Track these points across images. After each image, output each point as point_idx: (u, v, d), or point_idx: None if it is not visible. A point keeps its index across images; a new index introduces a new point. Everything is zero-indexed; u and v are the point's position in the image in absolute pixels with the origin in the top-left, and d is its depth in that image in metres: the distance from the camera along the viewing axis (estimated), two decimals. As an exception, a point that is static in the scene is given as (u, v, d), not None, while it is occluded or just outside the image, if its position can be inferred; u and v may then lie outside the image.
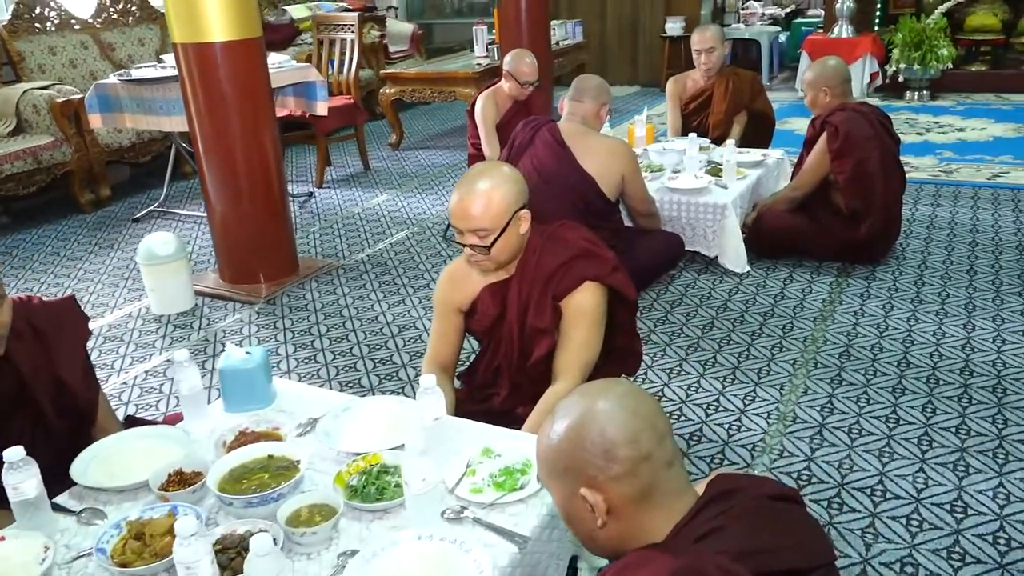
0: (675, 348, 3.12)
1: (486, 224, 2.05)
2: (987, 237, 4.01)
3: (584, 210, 3.26)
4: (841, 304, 3.39)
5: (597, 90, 3.31)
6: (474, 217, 2.05)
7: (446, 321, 2.34)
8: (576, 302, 2.14)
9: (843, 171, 3.58)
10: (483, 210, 2.04)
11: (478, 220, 2.05)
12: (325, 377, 3.08)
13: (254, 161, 3.79)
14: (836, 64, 3.72)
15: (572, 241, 2.20)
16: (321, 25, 5.96)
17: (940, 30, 7.13)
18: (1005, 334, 3.06)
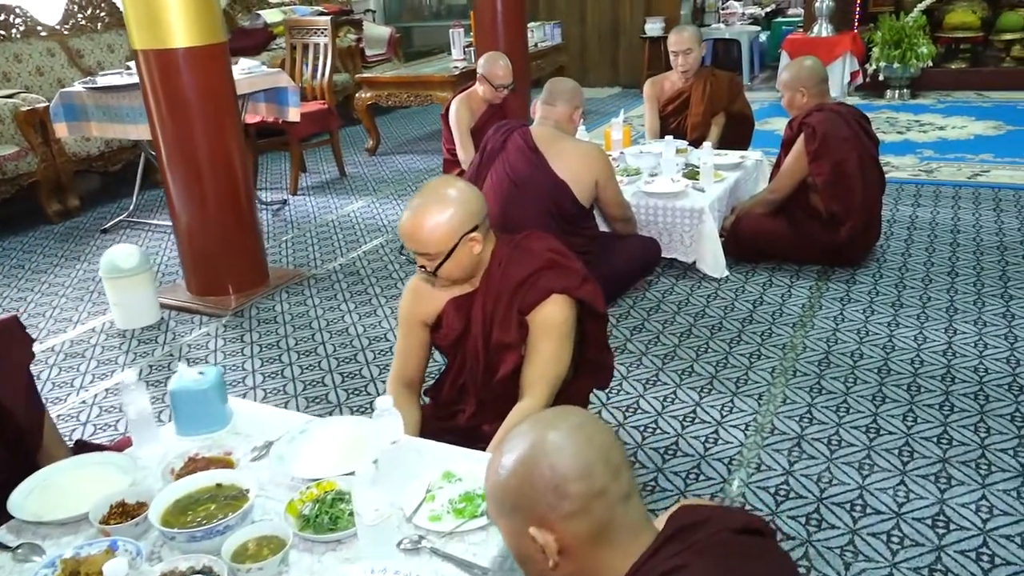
0: (651, 357, 3.04)
1: (430, 249, 1.98)
2: (968, 237, 3.96)
3: (558, 216, 3.19)
4: (821, 309, 3.33)
5: (570, 93, 3.23)
6: (419, 240, 1.98)
7: (411, 336, 2.26)
8: (543, 316, 2.06)
9: (821, 173, 3.51)
10: (428, 234, 1.96)
11: (422, 244, 1.98)
12: (291, 393, 2.99)
13: (220, 170, 3.70)
14: (812, 64, 3.66)
15: (538, 252, 2.11)
16: (293, 29, 5.86)
17: (920, 28, 7.10)
18: (987, 338, 3.00)
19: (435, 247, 1.97)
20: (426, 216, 1.97)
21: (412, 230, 1.98)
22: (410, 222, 1.98)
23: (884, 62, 7.12)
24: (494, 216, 3.27)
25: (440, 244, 1.97)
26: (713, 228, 3.62)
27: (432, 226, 1.96)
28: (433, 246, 1.97)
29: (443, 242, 1.97)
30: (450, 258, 2.00)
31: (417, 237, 1.97)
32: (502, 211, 3.24)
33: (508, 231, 3.22)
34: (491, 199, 3.27)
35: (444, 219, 1.97)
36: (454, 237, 1.98)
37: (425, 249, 1.98)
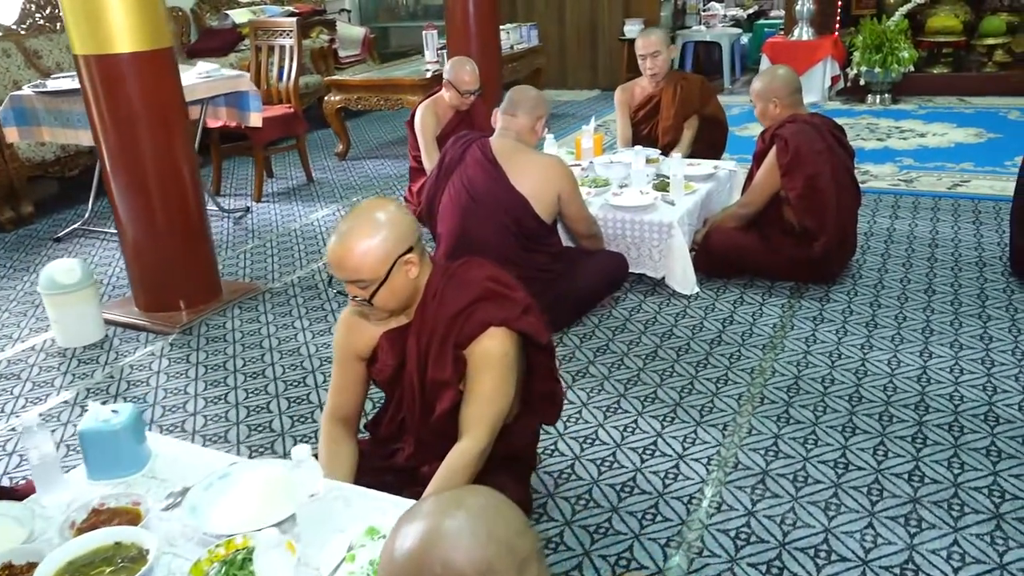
0: (614, 382, 2.90)
1: (364, 275, 1.83)
2: (946, 252, 3.84)
3: (517, 232, 3.05)
4: (792, 329, 3.19)
5: (532, 103, 3.08)
6: (350, 268, 1.83)
7: (346, 370, 2.10)
8: (481, 350, 1.91)
9: (794, 187, 3.38)
10: (359, 260, 1.82)
11: (354, 271, 1.83)
12: (233, 420, 2.83)
13: (168, 180, 3.53)
14: (785, 73, 3.52)
15: (475, 281, 1.96)
16: (258, 31, 5.68)
17: (901, 32, 7.00)
18: (963, 362, 2.87)
19: (369, 272, 1.83)
20: (357, 240, 1.82)
21: (342, 256, 1.83)
22: (339, 248, 1.83)
23: (865, 67, 7.01)
24: (452, 231, 3.14)
25: (374, 269, 1.83)
26: (683, 243, 3.48)
27: (364, 250, 1.81)
28: (367, 271, 1.83)
29: (377, 267, 1.83)
30: (385, 284, 1.85)
31: (348, 263, 1.83)
32: (460, 226, 3.10)
33: (466, 247, 3.10)
34: (448, 214, 3.13)
35: (376, 242, 1.82)
36: (388, 260, 1.84)
37: (358, 276, 1.84)
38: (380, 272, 1.84)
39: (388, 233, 1.84)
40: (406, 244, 1.88)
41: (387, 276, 1.85)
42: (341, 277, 1.87)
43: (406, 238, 1.88)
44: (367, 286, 1.85)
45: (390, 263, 1.84)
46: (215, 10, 7.25)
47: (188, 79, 4.66)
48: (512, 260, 3.05)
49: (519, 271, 3.04)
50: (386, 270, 1.84)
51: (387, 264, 1.84)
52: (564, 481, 2.37)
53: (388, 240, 1.84)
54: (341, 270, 1.85)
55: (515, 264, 3.05)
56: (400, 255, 1.86)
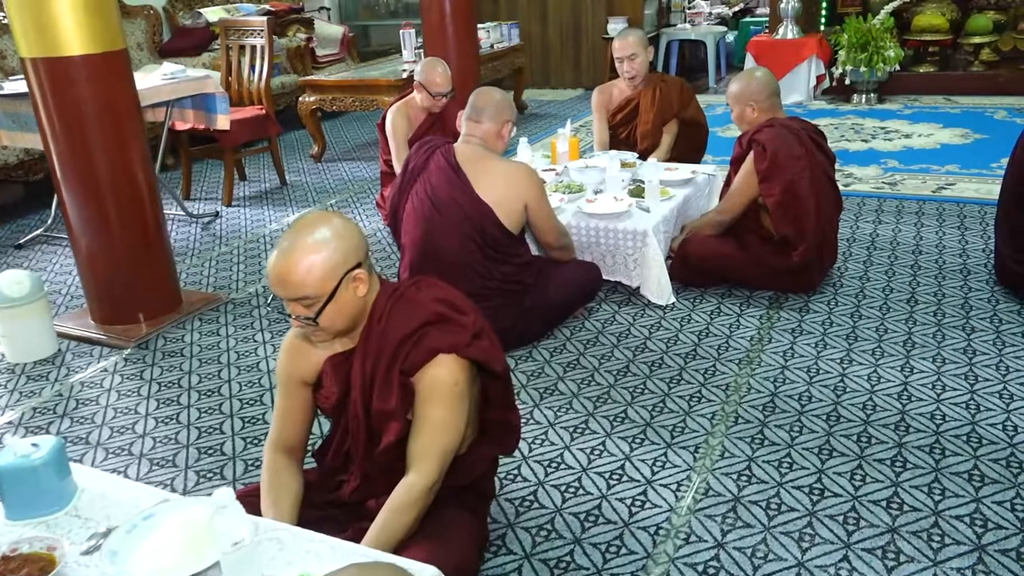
0: (583, 400, 2.77)
1: (308, 291, 1.71)
2: (930, 259, 3.73)
3: (481, 243, 2.92)
4: (770, 343, 3.08)
5: (497, 107, 2.95)
6: (294, 284, 1.70)
7: (290, 396, 1.98)
8: (429, 379, 1.79)
9: (772, 194, 3.26)
10: (304, 275, 1.70)
11: (298, 287, 1.71)
12: (183, 442, 2.69)
13: (122, 188, 3.39)
14: (763, 76, 3.40)
15: (423, 304, 1.84)
16: (229, 30, 5.53)
17: (887, 30, 6.89)
18: (945, 378, 2.76)
19: (314, 289, 1.71)
20: (302, 254, 1.70)
21: (286, 271, 1.71)
22: (283, 262, 1.71)
23: (850, 66, 6.90)
24: (415, 242, 3.01)
25: (319, 285, 1.71)
26: (658, 252, 3.36)
27: (309, 265, 1.69)
28: (312, 287, 1.70)
29: (323, 283, 1.71)
30: (332, 301, 1.74)
31: (292, 279, 1.70)
32: (423, 237, 2.97)
33: (430, 258, 2.98)
34: (412, 223, 3.01)
35: (323, 257, 1.70)
36: (335, 276, 1.72)
37: (302, 293, 1.71)
38: (326, 288, 1.72)
39: (335, 247, 1.73)
40: (354, 259, 1.76)
41: (334, 293, 1.73)
42: (284, 295, 1.75)
43: (354, 253, 1.77)
44: (312, 304, 1.73)
45: (337, 279, 1.73)
46: (188, 8, 7.08)
47: (152, 81, 4.53)
48: (477, 271, 2.94)
49: (484, 283, 2.95)
50: (332, 286, 1.72)
51: (334, 280, 1.72)
52: (526, 510, 2.25)
53: (335, 254, 1.72)
54: (284, 286, 1.73)
55: (480, 276, 2.94)
56: (348, 270, 1.75)
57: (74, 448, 2.69)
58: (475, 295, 2.94)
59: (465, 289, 2.92)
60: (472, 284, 2.94)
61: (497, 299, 2.99)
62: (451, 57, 5.69)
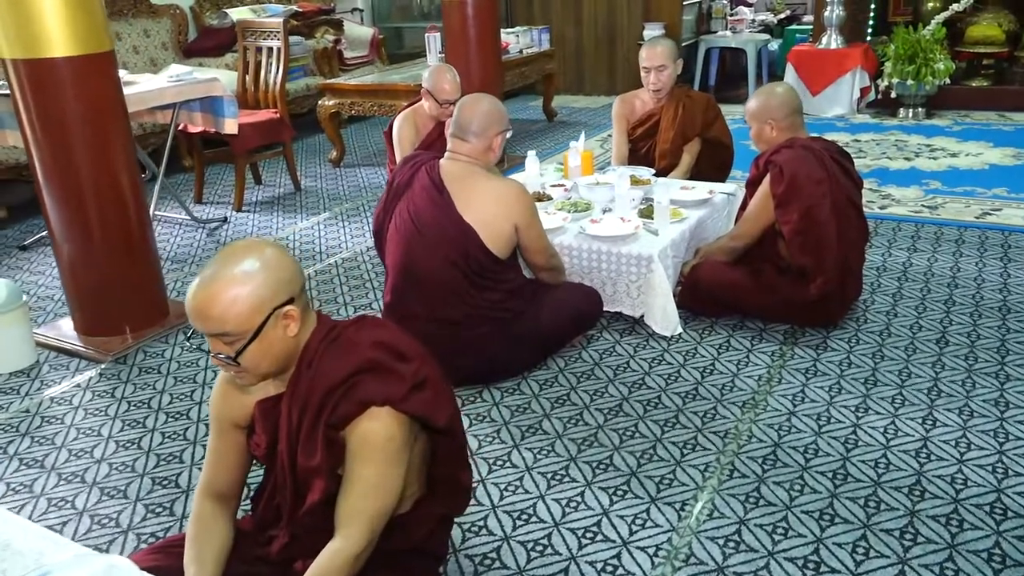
0: (567, 441, 2.55)
1: (229, 327, 1.53)
2: (967, 294, 3.42)
3: (465, 268, 2.71)
4: (780, 383, 2.82)
5: (484, 122, 2.74)
6: (213, 318, 1.53)
7: (223, 439, 1.80)
8: (360, 434, 1.59)
9: (789, 220, 3.00)
10: (225, 308, 1.52)
11: (219, 321, 1.53)
12: (140, 470, 2.54)
13: (106, 194, 3.26)
14: (783, 92, 3.15)
15: (359, 348, 1.64)
16: (245, 31, 5.41)
17: (937, 42, 6.51)
18: (971, 435, 2.47)
19: (236, 324, 1.53)
20: (225, 286, 1.52)
21: (205, 304, 1.53)
22: (203, 293, 1.53)
23: (897, 78, 6.54)
24: (396, 264, 2.82)
25: (243, 320, 1.53)
26: (663, 279, 3.12)
27: (232, 298, 1.51)
28: (233, 323, 1.53)
29: (247, 318, 1.53)
30: (257, 340, 1.55)
31: (212, 311, 1.52)
32: (405, 258, 2.78)
33: (411, 282, 2.78)
34: (393, 243, 2.82)
35: (248, 289, 1.53)
36: (261, 312, 1.54)
37: (222, 328, 1.53)
38: (250, 325, 1.54)
39: (263, 280, 1.55)
40: (285, 294, 1.58)
41: (259, 331, 1.55)
42: (203, 329, 1.57)
43: (286, 287, 1.58)
44: (234, 341, 1.55)
45: (263, 315, 1.55)
46: (215, 8, 7.01)
47: (158, 83, 4.44)
48: (461, 297, 2.74)
49: (469, 310, 2.75)
50: (258, 323, 1.54)
51: (259, 316, 1.54)
52: (485, 570, 2.04)
53: (262, 288, 1.54)
54: (203, 320, 1.55)
55: (464, 302, 2.74)
56: (277, 307, 1.56)
57: (27, 472, 2.55)
58: (459, 322, 2.76)
59: (449, 316, 2.77)
60: (456, 311, 2.75)
61: (483, 327, 2.79)
62: (473, 62, 5.53)
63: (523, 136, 6.87)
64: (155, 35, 6.53)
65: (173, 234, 4.76)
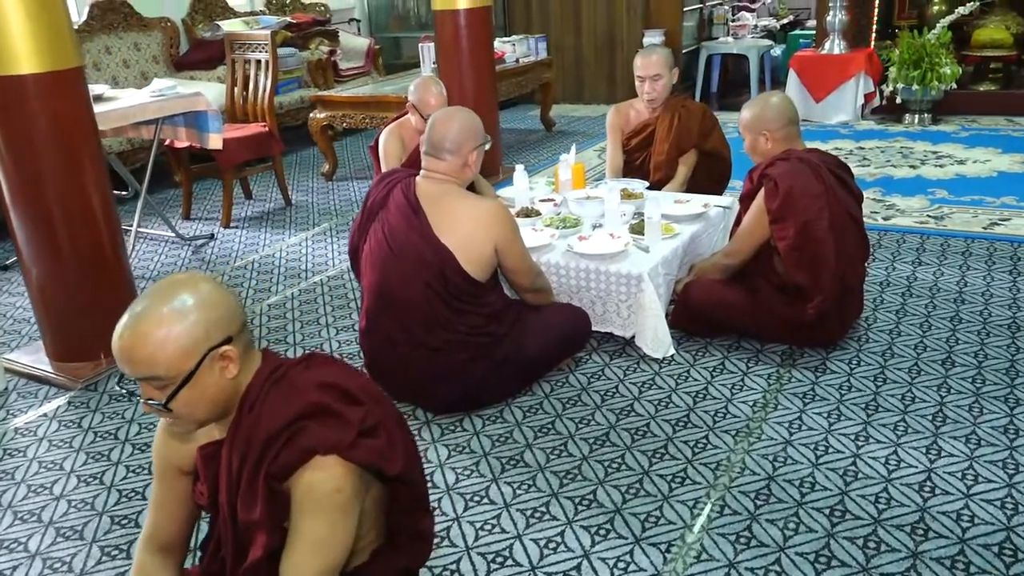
0: (549, 474, 2.41)
1: (159, 371, 1.40)
2: (974, 311, 3.27)
3: (442, 291, 2.58)
4: (776, 409, 2.67)
5: (458, 138, 2.61)
6: (140, 361, 1.40)
7: (166, 485, 1.68)
8: (305, 485, 1.46)
9: (784, 237, 2.86)
10: (154, 350, 1.40)
11: (146, 365, 1.40)
12: (99, 508, 2.41)
13: (76, 215, 3.15)
14: (778, 102, 3.00)
15: (304, 390, 1.51)
16: (234, 44, 5.31)
17: (943, 46, 6.35)
18: (979, 465, 2.32)
19: (166, 368, 1.40)
20: (153, 325, 1.40)
21: (131, 346, 1.41)
22: (128, 333, 1.41)
23: (902, 83, 6.39)
24: (372, 287, 2.69)
25: (173, 364, 1.41)
26: (654, 298, 2.98)
27: (161, 339, 1.39)
28: (163, 367, 1.40)
29: (177, 360, 1.41)
30: (189, 385, 1.43)
31: (138, 354, 1.40)
32: (379, 282, 2.65)
33: (386, 306, 2.65)
34: (368, 265, 2.69)
35: (179, 329, 1.40)
36: (194, 354, 1.42)
37: (151, 372, 1.41)
38: (182, 368, 1.42)
39: (196, 319, 1.42)
40: (222, 333, 1.45)
41: (192, 374, 1.42)
42: (130, 373, 1.44)
43: (222, 325, 1.45)
44: (164, 386, 1.43)
45: (197, 357, 1.42)
46: (208, 20, 6.92)
47: (140, 98, 4.33)
48: (438, 322, 2.61)
49: (447, 335, 2.61)
50: (190, 366, 1.42)
51: (192, 358, 1.42)
52: (454, 620, 1.91)
53: (195, 327, 1.42)
54: (129, 363, 1.42)
55: (442, 327, 2.61)
56: (212, 347, 1.44)
57: (-18, 510, 2.43)
58: (438, 348, 2.64)
59: (427, 341, 2.63)
60: (434, 336, 2.62)
61: (463, 352, 2.65)
62: (466, 72, 5.42)
63: (521, 147, 6.74)
64: (146, 48, 6.45)
65: (157, 252, 4.65)
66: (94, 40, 6.07)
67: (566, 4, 8.10)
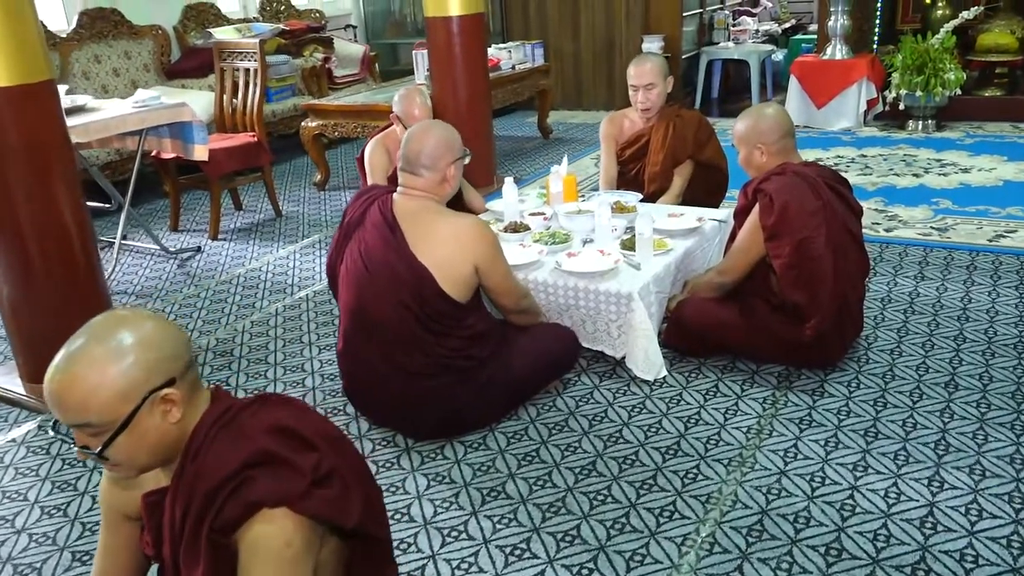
0: (531, 507, 2.30)
1: (91, 417, 1.31)
2: (979, 330, 3.14)
3: (420, 313, 2.47)
4: (771, 436, 2.56)
5: (434, 153, 2.49)
6: (71, 407, 1.31)
7: (114, 532, 1.58)
8: (253, 539, 1.35)
9: (780, 255, 2.74)
10: (86, 395, 1.30)
11: (78, 411, 1.31)
12: (62, 542, 2.31)
13: (48, 232, 3.04)
14: (774, 114, 2.89)
15: (254, 435, 1.40)
16: (222, 52, 5.22)
17: (947, 51, 6.23)
18: (983, 499, 2.20)
19: (99, 414, 1.31)
20: (86, 367, 1.30)
21: (62, 390, 1.31)
22: (59, 378, 1.32)
23: (905, 89, 6.27)
24: (348, 308, 2.58)
25: (107, 409, 1.31)
26: (645, 318, 2.87)
27: (95, 382, 1.29)
28: (96, 412, 1.30)
29: (113, 406, 1.31)
30: (127, 431, 1.33)
31: (70, 399, 1.31)
32: (355, 303, 2.55)
33: (363, 328, 2.53)
34: (344, 286, 2.59)
35: (115, 371, 1.31)
36: (132, 398, 1.32)
37: (83, 419, 1.31)
38: (117, 413, 1.32)
39: (135, 360, 1.33)
40: (163, 375, 1.35)
41: (129, 420, 1.32)
42: (62, 419, 1.34)
43: (164, 366, 1.35)
44: (98, 433, 1.32)
45: (134, 402, 1.32)
46: (200, 28, 6.84)
47: (122, 109, 4.23)
48: (417, 346, 2.50)
49: (426, 359, 2.51)
50: (127, 411, 1.32)
51: (130, 402, 1.32)
52: (423, 671, 1.79)
53: (133, 369, 1.32)
54: (60, 408, 1.32)
55: (421, 351, 2.50)
56: (152, 390, 1.33)
57: (-60, 544, 2.33)
58: (418, 372, 2.53)
59: (405, 365, 2.52)
60: (412, 360, 2.51)
61: (444, 377, 2.54)
62: (459, 80, 5.31)
63: (517, 155, 6.64)
64: (136, 57, 6.36)
65: (142, 266, 4.55)
66: (83, 49, 5.98)
67: (564, 10, 8.00)
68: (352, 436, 2.70)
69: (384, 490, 2.40)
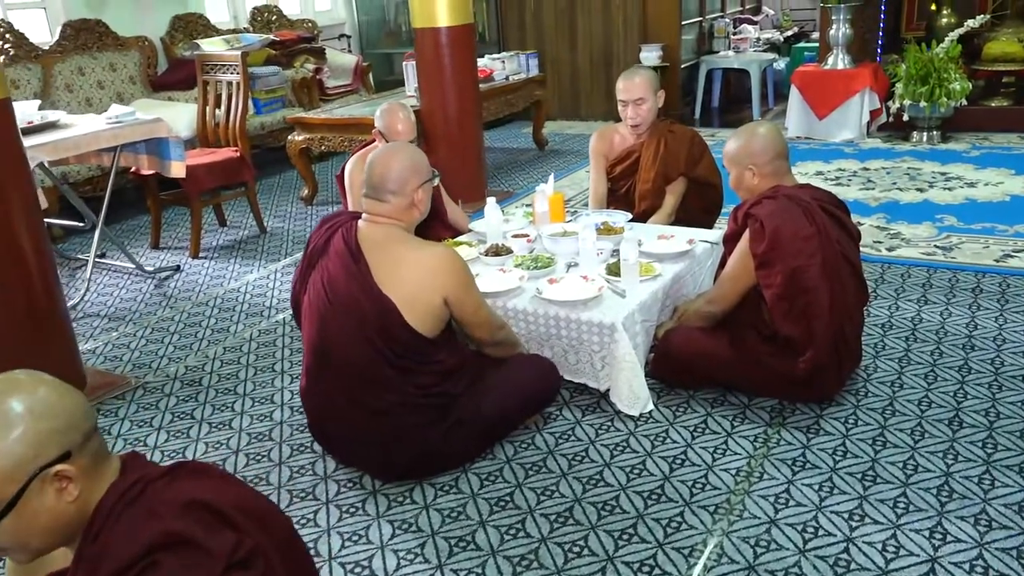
0: (501, 560, 2.14)
1: None
2: (985, 359, 2.97)
3: (384, 349, 2.31)
4: (761, 479, 2.39)
5: (400, 177, 2.34)
6: None
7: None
8: (158, 633, 1.19)
9: (771, 284, 2.58)
10: None
11: None
12: (-2, 597, 2.15)
13: (3, 255, 2.91)
14: (766, 133, 2.73)
15: (164, 513, 1.25)
16: (205, 65, 5.08)
17: (952, 60, 6.06)
18: (989, 554, 2.03)
19: None
20: None
21: None
22: None
23: (909, 100, 6.10)
24: (311, 342, 2.42)
25: None
26: (629, 350, 2.70)
27: None
28: None
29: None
30: (13, 513, 1.18)
31: None
32: (318, 337, 2.39)
33: (325, 364, 2.37)
34: (307, 319, 2.44)
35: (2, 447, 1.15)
36: (16, 478, 1.18)
37: None
38: (2, 494, 1.16)
39: (22, 434, 1.18)
40: (57, 449, 1.20)
41: (14, 500, 1.17)
42: None
43: (57, 439, 1.21)
44: None
45: (20, 481, 1.17)
46: (188, 39, 6.71)
47: (95, 125, 4.10)
48: (382, 384, 2.34)
49: (395, 397, 2.34)
50: (12, 491, 1.17)
51: (14, 482, 1.18)
52: None
53: (20, 444, 1.18)
54: None
55: (386, 389, 2.34)
56: (43, 467, 1.18)
57: None
58: (385, 411, 2.37)
59: (371, 404, 2.36)
60: (379, 399, 2.35)
61: (414, 416, 2.38)
62: (448, 91, 5.18)
63: (511, 167, 6.49)
64: (122, 68, 6.23)
65: (118, 286, 4.41)
66: (66, 61, 5.85)
67: (561, 19, 7.87)
68: (318, 476, 2.55)
69: (346, 539, 2.25)
